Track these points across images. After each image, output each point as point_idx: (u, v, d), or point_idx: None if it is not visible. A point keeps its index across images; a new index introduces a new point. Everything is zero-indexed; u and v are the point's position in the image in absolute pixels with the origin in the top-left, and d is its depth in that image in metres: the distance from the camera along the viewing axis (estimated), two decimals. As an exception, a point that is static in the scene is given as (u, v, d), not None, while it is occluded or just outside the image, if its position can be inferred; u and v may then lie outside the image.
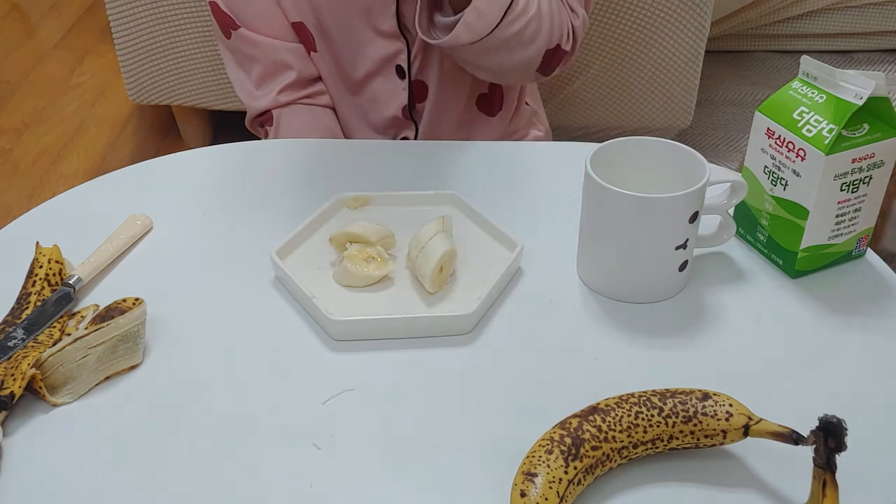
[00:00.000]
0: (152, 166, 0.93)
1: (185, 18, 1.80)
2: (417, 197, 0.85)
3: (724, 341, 0.70)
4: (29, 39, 2.65)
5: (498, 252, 0.79)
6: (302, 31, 1.04)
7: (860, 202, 0.73)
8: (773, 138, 0.73)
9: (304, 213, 0.82)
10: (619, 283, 0.74)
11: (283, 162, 0.94)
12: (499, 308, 0.74)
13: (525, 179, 0.90)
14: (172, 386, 0.67)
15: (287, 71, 1.05)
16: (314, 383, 0.67)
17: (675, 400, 0.59)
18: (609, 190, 0.69)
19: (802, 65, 0.73)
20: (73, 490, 0.59)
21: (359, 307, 0.73)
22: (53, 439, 0.63)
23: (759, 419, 0.58)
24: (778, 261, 0.77)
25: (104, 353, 0.67)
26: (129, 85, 1.91)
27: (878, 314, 0.73)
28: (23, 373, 0.64)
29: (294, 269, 0.75)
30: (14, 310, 0.72)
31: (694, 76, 1.81)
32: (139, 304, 0.71)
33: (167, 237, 0.83)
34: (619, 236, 0.72)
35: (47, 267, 0.74)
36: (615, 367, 0.68)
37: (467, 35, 0.90)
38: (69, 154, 2.12)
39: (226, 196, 0.88)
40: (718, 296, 0.75)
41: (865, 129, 0.70)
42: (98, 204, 0.87)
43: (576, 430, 0.57)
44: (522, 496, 0.54)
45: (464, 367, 0.68)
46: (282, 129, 1.07)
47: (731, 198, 0.76)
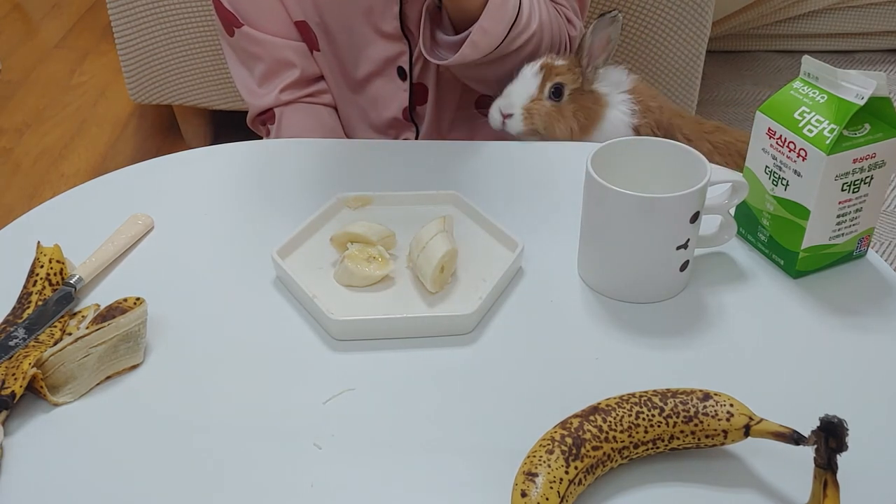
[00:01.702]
0: (153, 166, 0.93)
1: (186, 18, 1.80)
2: (418, 197, 0.85)
3: (725, 341, 0.70)
4: (30, 39, 2.65)
5: (499, 252, 0.79)
6: (305, 30, 1.04)
7: (861, 202, 0.73)
8: (774, 138, 0.73)
9: (305, 212, 0.82)
10: (620, 283, 0.74)
11: (285, 162, 0.94)
12: (500, 308, 0.74)
13: (526, 179, 0.90)
14: (173, 385, 0.67)
15: (290, 69, 1.05)
16: (315, 383, 0.67)
17: (675, 400, 0.59)
18: (610, 190, 0.69)
19: (804, 65, 0.73)
20: (73, 490, 0.59)
21: (360, 307, 0.73)
22: (54, 439, 0.63)
23: (760, 419, 0.58)
24: (779, 261, 0.77)
25: (105, 353, 0.67)
26: (130, 85, 1.91)
27: (878, 314, 0.73)
28: (24, 372, 0.64)
29: (295, 268, 0.75)
30: (15, 309, 0.72)
31: (695, 76, 1.81)
32: (140, 303, 0.71)
33: (168, 237, 0.83)
34: (620, 236, 0.72)
35: (48, 266, 0.74)
36: (616, 367, 0.68)
37: (473, 54, 0.91)
38: (70, 154, 2.12)
39: (227, 196, 0.88)
40: (719, 296, 0.75)
41: (867, 129, 0.70)
42: (99, 204, 0.87)
43: (577, 430, 0.57)
44: (523, 496, 0.54)
45: (465, 367, 0.68)
46: (283, 127, 1.07)
47: (732, 198, 0.76)
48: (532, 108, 0.98)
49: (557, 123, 0.98)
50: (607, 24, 0.97)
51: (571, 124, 0.99)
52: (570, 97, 0.98)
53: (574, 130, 0.99)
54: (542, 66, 0.98)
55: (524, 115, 0.98)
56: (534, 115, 0.97)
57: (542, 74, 0.98)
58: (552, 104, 0.98)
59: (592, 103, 1.00)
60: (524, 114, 0.98)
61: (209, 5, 1.74)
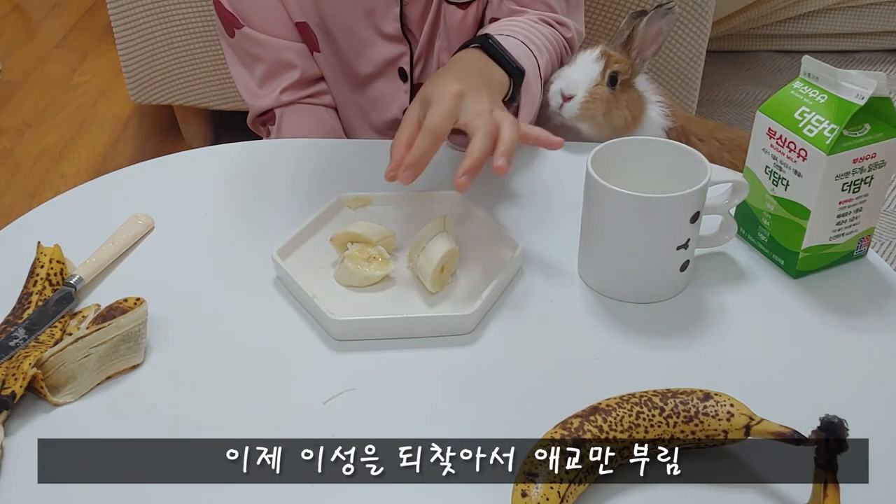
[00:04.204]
0: (153, 166, 0.93)
1: (186, 18, 1.80)
2: (418, 196, 0.85)
3: (726, 341, 0.70)
4: (30, 39, 2.65)
5: (499, 252, 0.79)
6: (305, 31, 1.04)
7: (861, 202, 0.73)
8: (774, 138, 0.73)
9: (306, 212, 0.82)
10: (620, 283, 0.74)
11: (285, 162, 0.94)
12: (500, 308, 0.74)
13: (526, 179, 0.90)
14: (173, 386, 0.67)
15: (290, 70, 1.05)
16: (315, 383, 0.67)
17: (676, 400, 0.59)
18: (610, 190, 0.69)
19: (804, 65, 0.73)
20: (73, 490, 0.59)
21: (360, 307, 0.73)
22: (54, 439, 0.63)
23: (761, 419, 0.58)
24: (779, 261, 0.77)
25: (105, 353, 0.67)
26: (131, 85, 1.91)
27: (878, 314, 0.73)
28: (24, 372, 0.64)
29: (295, 268, 0.75)
30: (15, 309, 0.72)
31: (695, 76, 1.81)
32: (140, 303, 0.71)
33: (168, 237, 0.83)
34: (621, 236, 0.72)
35: (48, 267, 0.74)
36: (616, 367, 0.68)
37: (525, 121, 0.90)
38: (70, 154, 2.12)
39: (227, 196, 0.88)
40: (720, 296, 0.75)
41: (867, 129, 0.70)
42: (99, 204, 0.87)
43: (577, 430, 0.57)
44: (523, 496, 0.54)
45: (465, 367, 0.68)
46: (284, 128, 1.07)
47: (732, 198, 0.76)
48: (595, 92, 0.96)
49: (616, 110, 0.97)
50: (661, 15, 0.96)
51: (626, 113, 0.98)
52: (622, 87, 0.98)
53: (628, 120, 0.99)
54: (602, 53, 0.97)
55: (587, 98, 0.96)
56: (595, 99, 0.96)
57: (603, 61, 0.96)
58: (610, 91, 0.97)
59: (638, 97, 1.00)
60: (587, 97, 0.96)
61: (209, 5, 1.74)
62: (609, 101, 0.97)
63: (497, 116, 0.73)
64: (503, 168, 0.69)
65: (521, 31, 0.93)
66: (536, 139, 0.75)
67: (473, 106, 0.73)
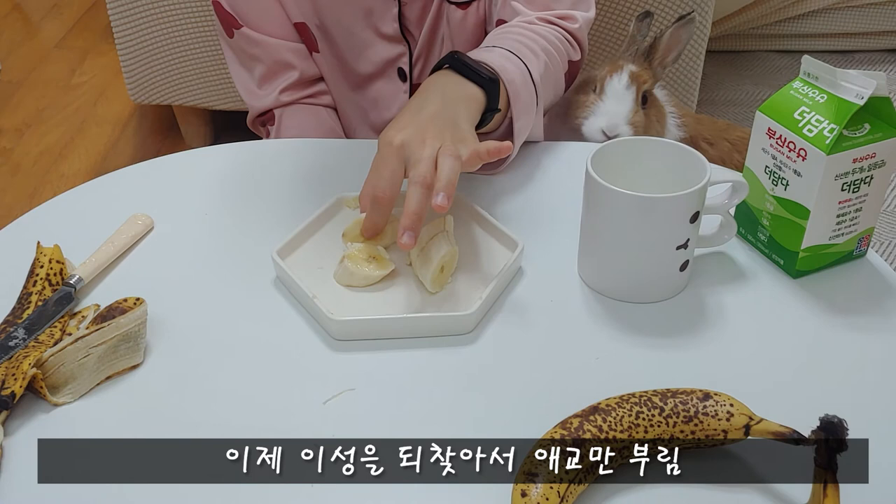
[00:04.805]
0: (153, 166, 0.93)
1: (186, 18, 1.80)
2: (418, 197, 0.85)
3: (725, 341, 0.70)
4: (30, 39, 2.65)
5: (499, 252, 0.79)
6: (304, 31, 1.04)
7: (861, 202, 0.73)
8: (774, 138, 0.73)
9: (305, 212, 0.82)
10: (619, 282, 0.74)
11: (285, 162, 0.94)
12: (500, 308, 0.74)
13: (526, 179, 0.90)
14: (173, 386, 0.67)
15: (289, 71, 1.05)
16: (315, 383, 0.67)
17: (675, 400, 0.59)
18: (610, 190, 0.69)
19: (803, 65, 0.73)
20: (73, 490, 0.59)
21: (360, 307, 0.73)
22: (54, 439, 0.63)
23: (760, 419, 0.58)
24: (779, 261, 0.77)
25: (105, 353, 0.67)
26: (130, 85, 1.91)
27: (878, 314, 0.73)
28: (24, 372, 0.64)
29: (295, 268, 0.75)
30: (15, 309, 0.72)
31: (695, 76, 1.81)
32: (140, 303, 0.71)
33: (168, 237, 0.83)
34: (620, 236, 0.72)
35: (48, 267, 0.74)
36: (616, 367, 0.68)
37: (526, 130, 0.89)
38: (70, 154, 2.12)
39: (227, 196, 0.88)
40: (719, 296, 0.75)
41: (866, 129, 0.70)
42: (99, 204, 0.87)
43: (577, 430, 0.57)
44: (523, 496, 0.54)
45: (465, 367, 0.68)
46: (283, 128, 1.07)
47: (732, 198, 0.76)
48: (635, 122, 0.97)
49: (650, 129, 0.99)
50: (684, 24, 0.98)
51: (657, 127, 1.00)
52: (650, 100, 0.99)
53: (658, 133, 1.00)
54: (630, 78, 0.98)
55: (632, 132, 0.97)
56: (638, 128, 0.97)
57: (634, 87, 0.98)
58: (644, 111, 0.98)
59: (661, 107, 1.02)
60: (631, 131, 0.97)
61: (209, 6, 1.74)
62: (646, 124, 0.99)
63: (439, 154, 0.73)
64: (442, 206, 0.69)
65: (511, 38, 0.91)
66: (487, 153, 0.75)
67: (415, 153, 0.73)
